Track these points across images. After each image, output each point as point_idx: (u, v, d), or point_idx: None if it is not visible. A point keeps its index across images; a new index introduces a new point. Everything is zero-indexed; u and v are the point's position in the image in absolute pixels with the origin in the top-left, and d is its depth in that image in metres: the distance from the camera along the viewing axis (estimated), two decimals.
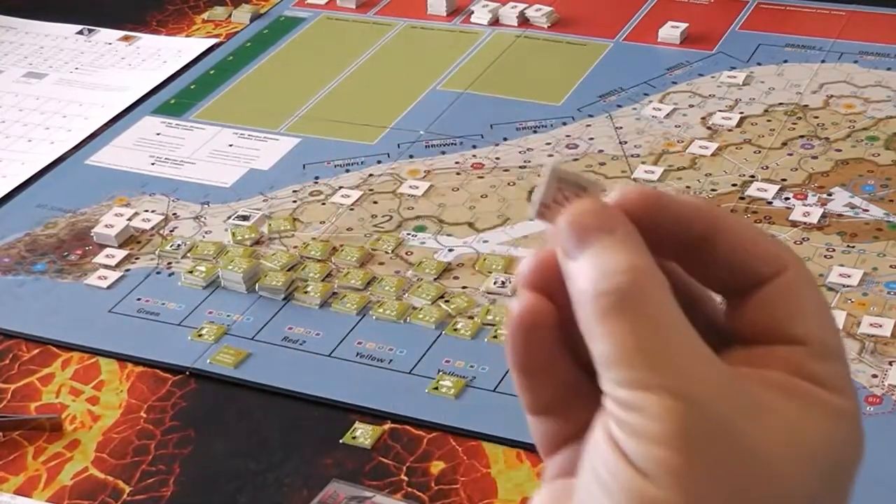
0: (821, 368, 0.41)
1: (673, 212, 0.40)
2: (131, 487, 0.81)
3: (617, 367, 0.38)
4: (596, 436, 0.39)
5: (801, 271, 0.41)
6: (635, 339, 0.38)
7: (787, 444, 0.39)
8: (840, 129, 1.10)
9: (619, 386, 0.38)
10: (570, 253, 0.39)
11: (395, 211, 1.04)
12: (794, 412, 0.39)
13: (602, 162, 1.08)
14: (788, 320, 0.41)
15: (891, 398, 0.82)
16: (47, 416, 0.86)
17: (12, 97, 1.26)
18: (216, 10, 1.39)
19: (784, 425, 0.39)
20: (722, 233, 0.41)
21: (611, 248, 0.39)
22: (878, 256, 0.95)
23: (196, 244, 1.01)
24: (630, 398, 0.38)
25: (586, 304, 0.39)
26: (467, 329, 0.90)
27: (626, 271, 0.38)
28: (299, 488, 0.80)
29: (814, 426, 0.39)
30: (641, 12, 1.32)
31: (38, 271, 1.00)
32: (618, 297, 0.38)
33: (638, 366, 0.38)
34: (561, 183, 0.40)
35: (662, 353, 0.38)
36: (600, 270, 0.39)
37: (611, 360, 0.38)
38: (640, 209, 0.40)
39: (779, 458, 0.38)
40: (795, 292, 0.41)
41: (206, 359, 0.90)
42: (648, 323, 0.38)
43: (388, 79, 1.23)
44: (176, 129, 1.18)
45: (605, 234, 0.39)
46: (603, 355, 0.38)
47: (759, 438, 0.38)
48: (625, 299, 0.38)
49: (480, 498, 0.78)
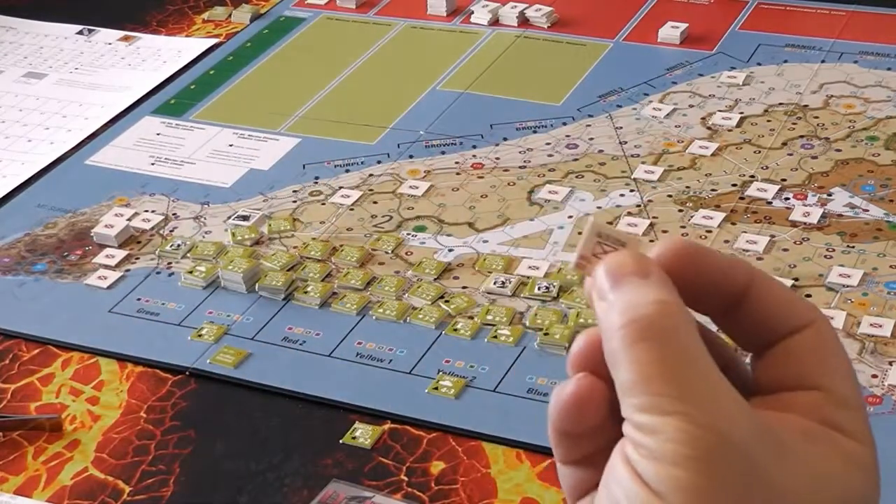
0: (840, 415, 0.42)
1: (714, 264, 0.42)
2: (131, 487, 0.81)
3: (639, 393, 0.39)
4: (613, 459, 0.40)
5: (828, 326, 0.43)
6: (659, 367, 0.39)
7: (808, 487, 0.40)
8: (840, 129, 1.10)
9: (638, 411, 0.39)
10: (603, 295, 0.41)
11: (395, 211, 1.04)
12: (815, 456, 0.40)
13: (602, 162, 1.08)
14: (812, 371, 0.42)
15: (891, 398, 0.82)
16: (47, 416, 0.86)
17: (12, 97, 1.26)
18: (216, 10, 1.39)
19: (805, 467, 0.40)
20: (758, 286, 0.42)
21: (643, 286, 0.41)
22: (878, 256, 0.95)
23: (196, 244, 1.01)
24: (649, 422, 0.39)
25: (614, 333, 0.40)
26: (467, 329, 0.90)
27: (654, 303, 0.40)
28: (299, 488, 0.80)
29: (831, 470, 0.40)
30: (641, 12, 1.32)
31: (38, 271, 1.00)
32: (645, 324, 0.39)
33: (658, 392, 0.39)
34: (601, 237, 0.42)
35: (685, 382, 0.39)
36: (629, 303, 0.40)
37: (634, 385, 0.39)
38: (683, 258, 0.42)
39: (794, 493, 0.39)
40: (822, 345, 0.42)
41: (206, 359, 0.90)
42: (673, 352, 0.39)
43: (388, 79, 1.23)
44: (176, 129, 1.18)
45: (639, 277, 0.41)
46: (626, 381, 0.39)
47: (779, 474, 0.39)
48: (651, 328, 0.39)
49: (480, 498, 0.78)
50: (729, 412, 0.39)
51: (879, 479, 0.42)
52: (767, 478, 0.39)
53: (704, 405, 0.39)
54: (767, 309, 0.43)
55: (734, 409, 0.39)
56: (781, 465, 0.39)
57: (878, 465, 0.42)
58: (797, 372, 0.42)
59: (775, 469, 0.39)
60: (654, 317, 0.40)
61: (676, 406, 0.38)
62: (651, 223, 1.00)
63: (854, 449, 0.41)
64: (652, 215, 1.01)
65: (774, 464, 0.39)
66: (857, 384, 0.43)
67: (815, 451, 0.41)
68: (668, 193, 1.03)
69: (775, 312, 0.43)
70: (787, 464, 0.40)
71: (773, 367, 0.43)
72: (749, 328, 0.43)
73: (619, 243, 0.42)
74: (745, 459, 0.38)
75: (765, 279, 0.43)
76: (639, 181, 1.05)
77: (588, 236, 0.42)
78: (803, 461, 0.40)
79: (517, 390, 0.85)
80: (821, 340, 0.43)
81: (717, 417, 0.38)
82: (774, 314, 0.43)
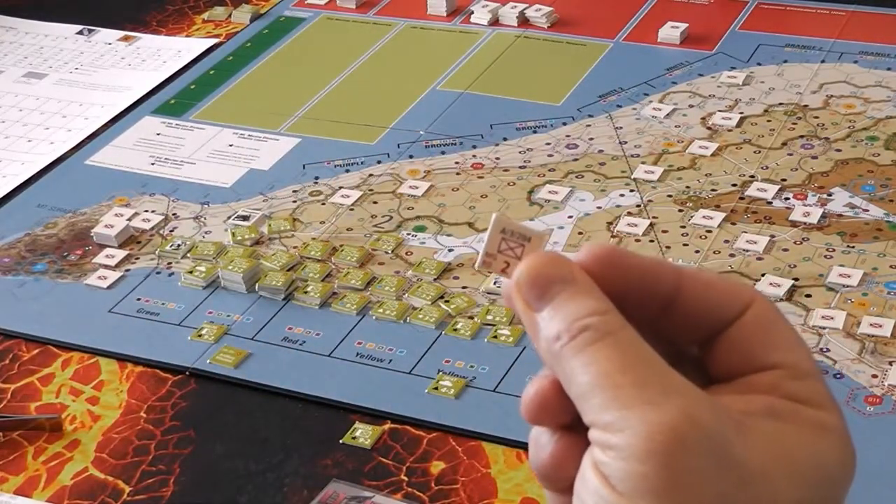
0: (799, 387, 0.42)
1: (638, 267, 0.43)
2: (131, 487, 0.81)
3: (599, 391, 0.39)
4: (583, 467, 0.40)
5: (766, 304, 0.43)
6: (613, 363, 0.40)
7: (773, 456, 0.40)
8: (840, 129, 1.10)
9: (601, 410, 0.39)
10: (534, 306, 0.42)
11: (395, 211, 1.04)
12: (782, 430, 0.41)
13: (602, 162, 1.08)
14: (762, 350, 0.42)
15: (891, 398, 0.82)
16: (47, 416, 0.86)
17: (12, 97, 1.26)
18: (216, 10, 1.39)
19: (773, 443, 0.40)
20: (687, 281, 0.43)
21: (574, 295, 0.41)
22: (878, 256, 0.95)
23: (196, 244, 1.01)
24: (613, 419, 0.39)
25: (559, 347, 0.40)
26: (467, 329, 0.90)
27: (593, 313, 0.41)
28: (299, 488, 0.80)
29: (798, 440, 0.40)
30: (641, 12, 1.32)
31: (38, 271, 1.00)
32: (591, 331, 0.40)
33: (617, 385, 0.39)
34: (505, 233, 0.42)
35: (641, 374, 0.39)
36: (569, 316, 0.41)
37: (592, 387, 0.39)
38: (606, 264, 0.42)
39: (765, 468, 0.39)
40: (764, 324, 0.43)
41: (206, 359, 0.90)
42: (623, 350, 0.40)
43: (388, 79, 1.23)
44: (176, 129, 1.18)
45: (567, 283, 0.41)
46: (584, 385, 0.40)
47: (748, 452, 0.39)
48: (597, 332, 0.40)
49: (480, 498, 0.78)
50: (689, 398, 0.39)
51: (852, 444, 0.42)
52: (737, 457, 0.39)
53: (664, 393, 0.39)
54: (702, 302, 0.43)
55: (693, 395, 0.39)
56: (748, 442, 0.39)
57: (848, 429, 0.42)
58: (747, 355, 0.43)
59: (743, 447, 0.39)
60: (596, 323, 0.40)
61: (637, 396, 0.39)
62: (651, 223, 1.00)
63: (820, 416, 0.41)
64: (652, 215, 1.01)
65: (741, 442, 0.39)
66: (810, 353, 0.43)
67: (781, 426, 0.41)
68: (668, 193, 1.03)
69: (711, 303, 0.43)
70: (755, 441, 0.40)
71: (722, 355, 0.43)
72: (689, 324, 0.43)
73: (523, 238, 0.42)
74: (711, 441, 0.38)
75: (693, 273, 0.43)
76: (639, 181, 1.05)
77: (492, 233, 0.42)
78: (771, 437, 0.40)
79: (517, 390, 0.85)
80: (763, 319, 0.43)
81: (678, 404, 0.39)
82: (710, 305, 0.43)
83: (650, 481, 0.38)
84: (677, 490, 0.38)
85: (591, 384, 0.39)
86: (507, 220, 0.42)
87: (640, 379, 0.39)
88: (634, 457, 0.38)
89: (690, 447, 0.38)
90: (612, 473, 0.38)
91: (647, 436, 0.38)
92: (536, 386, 0.42)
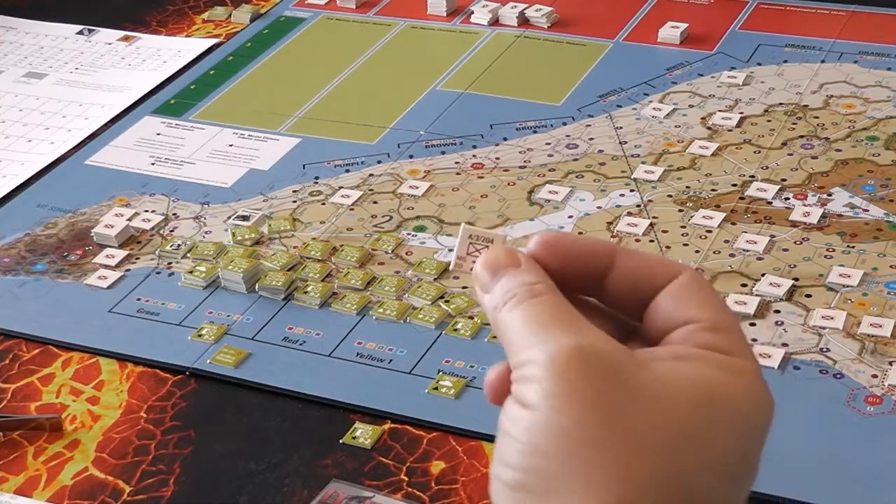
0: (711, 337, 0.46)
1: (576, 247, 0.49)
2: (131, 487, 0.81)
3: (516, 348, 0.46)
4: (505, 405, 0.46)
5: (693, 274, 0.48)
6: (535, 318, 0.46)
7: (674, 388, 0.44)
8: (840, 129, 1.10)
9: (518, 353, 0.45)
10: (485, 287, 0.48)
11: (395, 211, 1.04)
12: (686, 367, 0.45)
13: (602, 162, 1.08)
14: (679, 310, 0.47)
15: (891, 398, 0.82)
16: (47, 416, 0.86)
17: (12, 97, 1.26)
18: (216, 10, 1.39)
19: (670, 374, 0.45)
20: (621, 257, 0.49)
21: (515, 274, 0.48)
22: (878, 256, 0.95)
23: (196, 244, 1.01)
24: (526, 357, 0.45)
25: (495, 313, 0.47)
26: (467, 329, 0.90)
27: (524, 283, 0.47)
28: (299, 488, 0.80)
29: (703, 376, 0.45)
30: (641, 12, 1.32)
31: (38, 271, 1.00)
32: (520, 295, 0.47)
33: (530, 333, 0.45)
34: (472, 238, 0.50)
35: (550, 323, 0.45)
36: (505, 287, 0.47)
37: (511, 342, 0.46)
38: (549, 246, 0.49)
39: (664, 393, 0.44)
40: (687, 290, 0.48)
41: (206, 359, 0.90)
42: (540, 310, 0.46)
43: (388, 79, 1.23)
44: (176, 129, 1.18)
45: (512, 267, 0.48)
46: (507, 342, 0.46)
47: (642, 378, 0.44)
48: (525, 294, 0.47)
49: (480, 498, 0.78)
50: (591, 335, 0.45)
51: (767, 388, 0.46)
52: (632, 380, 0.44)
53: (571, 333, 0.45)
54: (633, 274, 0.48)
55: (596, 334, 0.45)
56: (647, 374, 0.44)
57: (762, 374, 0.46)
58: (668, 316, 0.47)
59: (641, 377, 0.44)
60: (525, 289, 0.47)
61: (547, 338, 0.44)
62: (651, 223, 1.00)
63: (730, 360, 0.45)
64: (652, 215, 1.01)
65: (640, 372, 0.44)
66: (732, 315, 0.48)
67: (685, 365, 0.45)
68: (668, 193, 1.03)
69: (641, 275, 0.48)
70: (654, 373, 0.44)
71: (650, 322, 0.48)
72: (624, 296, 0.49)
73: (487, 240, 0.50)
74: (606, 365, 0.44)
75: (626, 250, 0.49)
76: (639, 181, 1.05)
77: (461, 239, 0.50)
78: (673, 373, 0.44)
79: None
80: (686, 284, 0.48)
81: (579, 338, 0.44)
82: (640, 277, 0.48)
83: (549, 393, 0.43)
84: (573, 400, 0.43)
85: (511, 340, 0.46)
86: (474, 228, 0.50)
87: (548, 326, 0.45)
88: (537, 378, 0.44)
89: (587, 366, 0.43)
90: (523, 397, 0.44)
91: (547, 358, 0.44)
92: (497, 369, 0.47)
